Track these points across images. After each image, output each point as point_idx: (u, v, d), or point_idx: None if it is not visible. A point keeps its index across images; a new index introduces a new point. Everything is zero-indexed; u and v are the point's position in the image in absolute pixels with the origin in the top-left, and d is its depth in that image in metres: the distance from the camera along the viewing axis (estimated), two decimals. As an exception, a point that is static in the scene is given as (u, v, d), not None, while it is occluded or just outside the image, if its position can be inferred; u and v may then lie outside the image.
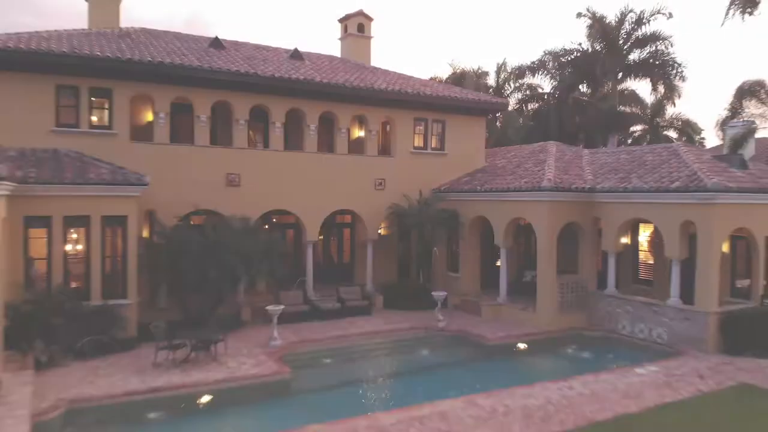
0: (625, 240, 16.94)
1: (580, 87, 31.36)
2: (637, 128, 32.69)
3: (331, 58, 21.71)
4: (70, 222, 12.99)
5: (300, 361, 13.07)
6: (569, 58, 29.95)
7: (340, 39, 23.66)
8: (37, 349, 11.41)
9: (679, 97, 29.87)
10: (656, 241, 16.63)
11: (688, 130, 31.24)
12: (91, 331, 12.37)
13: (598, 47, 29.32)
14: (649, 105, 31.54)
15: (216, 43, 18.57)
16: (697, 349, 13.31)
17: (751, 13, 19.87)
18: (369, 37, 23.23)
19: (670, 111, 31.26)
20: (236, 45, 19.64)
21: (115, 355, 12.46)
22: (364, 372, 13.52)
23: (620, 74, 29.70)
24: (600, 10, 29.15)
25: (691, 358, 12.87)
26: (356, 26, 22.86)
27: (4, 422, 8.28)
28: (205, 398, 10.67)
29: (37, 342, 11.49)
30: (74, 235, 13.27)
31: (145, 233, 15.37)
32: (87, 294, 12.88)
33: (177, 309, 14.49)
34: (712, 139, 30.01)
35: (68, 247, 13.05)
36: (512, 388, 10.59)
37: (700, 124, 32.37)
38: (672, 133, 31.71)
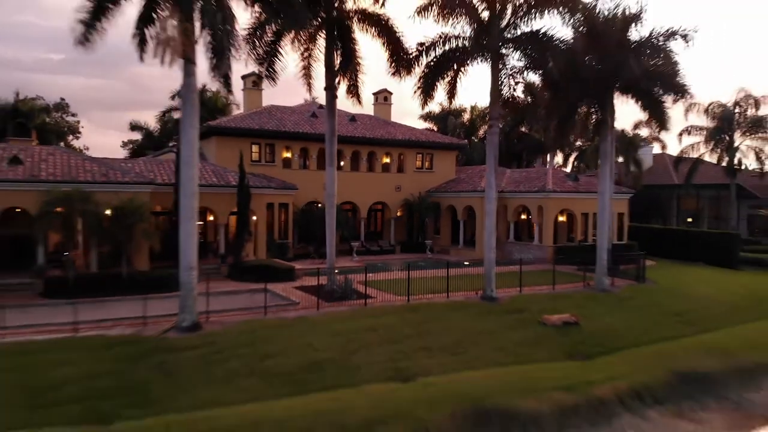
0: (520, 216, 33.93)
1: (522, 125, 48.31)
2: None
3: (370, 117, 38.63)
4: (269, 207, 29.80)
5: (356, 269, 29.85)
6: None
7: (374, 104, 40.65)
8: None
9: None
10: (529, 216, 33.61)
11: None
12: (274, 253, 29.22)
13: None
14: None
15: (313, 114, 35.45)
16: (544, 262, 30.18)
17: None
18: (390, 104, 40.31)
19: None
20: (322, 112, 36.44)
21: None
22: (396, 268, 30.27)
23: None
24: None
25: (540, 264, 29.74)
26: (383, 98, 39.91)
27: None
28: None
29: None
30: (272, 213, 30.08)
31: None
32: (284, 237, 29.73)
33: (304, 248, 31.33)
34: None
35: (273, 219, 29.87)
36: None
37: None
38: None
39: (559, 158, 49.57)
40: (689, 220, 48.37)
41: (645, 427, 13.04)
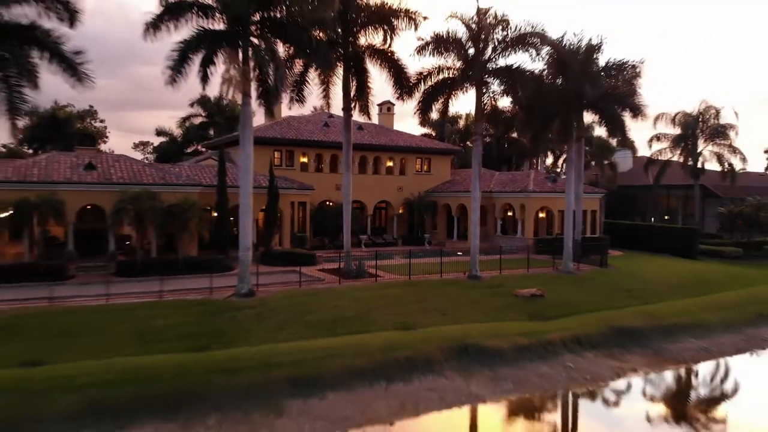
0: (507, 213, 38.99)
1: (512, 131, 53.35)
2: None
3: (375, 126, 43.64)
4: (291, 204, 34.81)
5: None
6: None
7: (378, 114, 45.68)
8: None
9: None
10: (513, 213, 38.64)
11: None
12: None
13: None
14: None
15: (325, 124, 40.48)
16: (525, 252, 35.14)
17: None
18: (393, 114, 45.36)
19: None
20: (332, 121, 41.51)
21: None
22: (399, 256, 35.24)
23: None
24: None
25: (522, 253, 34.72)
26: (386, 108, 44.96)
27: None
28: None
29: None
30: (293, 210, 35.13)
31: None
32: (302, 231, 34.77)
33: (319, 240, 36.35)
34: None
35: (293, 215, 34.90)
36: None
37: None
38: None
39: (550, 159, 54.59)
40: (666, 217, 53.39)
41: (581, 363, 18.06)
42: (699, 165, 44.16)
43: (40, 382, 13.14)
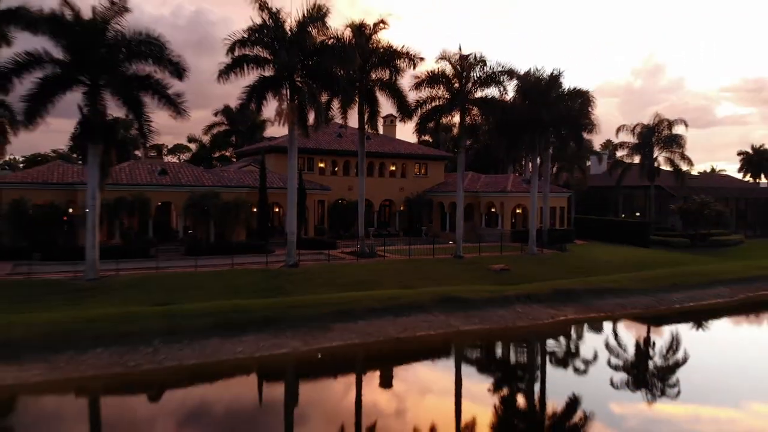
0: (490, 210, 46.98)
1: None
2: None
3: (381, 136, 51.57)
4: (321, 202, 42.79)
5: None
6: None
7: (383, 125, 53.64)
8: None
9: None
10: (495, 209, 46.63)
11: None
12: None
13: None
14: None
15: (339, 134, 48.43)
16: (504, 240, 43.10)
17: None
18: (395, 125, 53.36)
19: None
20: (344, 132, 49.40)
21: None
22: (401, 244, 43.25)
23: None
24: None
25: (501, 241, 42.69)
26: (390, 121, 52.96)
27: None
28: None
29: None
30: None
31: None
32: (322, 224, 42.74)
33: (335, 231, 44.32)
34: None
35: (315, 210, 42.87)
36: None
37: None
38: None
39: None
40: (637, 214, 61.28)
41: (527, 310, 26.01)
42: (654, 168, 52.02)
43: (178, 313, 21.08)
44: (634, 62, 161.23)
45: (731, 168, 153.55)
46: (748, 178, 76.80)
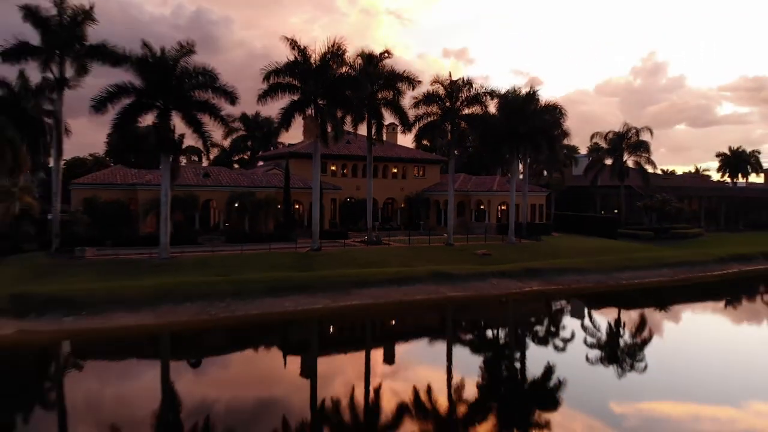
0: (479, 206, 54.42)
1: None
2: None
3: (384, 143, 58.83)
4: (333, 200, 50.21)
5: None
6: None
7: (385, 133, 60.97)
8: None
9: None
10: (483, 206, 54.02)
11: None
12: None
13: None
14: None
15: (348, 141, 55.77)
16: (490, 232, 50.49)
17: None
18: (396, 133, 60.76)
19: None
20: (352, 138, 56.71)
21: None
22: (402, 235, 50.64)
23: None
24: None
25: (488, 233, 50.11)
26: (391, 128, 60.36)
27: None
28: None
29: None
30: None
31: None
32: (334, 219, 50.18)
33: (345, 225, 51.74)
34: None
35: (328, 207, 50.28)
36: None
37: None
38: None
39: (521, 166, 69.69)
40: (615, 211, 68.61)
41: (500, 282, 33.43)
42: (624, 170, 59.44)
43: (239, 281, 28.46)
44: (634, 61, 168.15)
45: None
46: (726, 178, 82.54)
